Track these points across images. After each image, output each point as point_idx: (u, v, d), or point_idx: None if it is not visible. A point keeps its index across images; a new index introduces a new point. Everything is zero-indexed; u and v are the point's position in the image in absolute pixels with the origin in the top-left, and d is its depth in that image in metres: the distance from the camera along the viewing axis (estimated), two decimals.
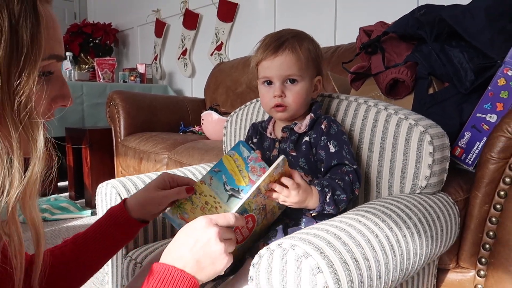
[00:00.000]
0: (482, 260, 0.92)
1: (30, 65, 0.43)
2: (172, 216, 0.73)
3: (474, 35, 0.98)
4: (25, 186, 0.45)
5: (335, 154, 0.81)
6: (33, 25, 0.43)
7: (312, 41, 0.85)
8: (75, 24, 3.87)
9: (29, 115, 0.44)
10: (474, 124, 0.98)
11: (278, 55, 0.81)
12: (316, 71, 0.85)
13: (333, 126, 0.84)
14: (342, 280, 0.54)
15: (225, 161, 0.80)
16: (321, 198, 0.73)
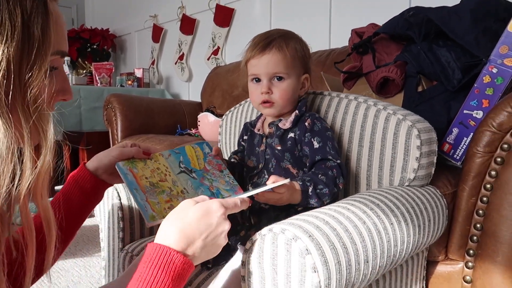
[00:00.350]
0: (470, 252, 0.95)
1: (41, 59, 0.46)
2: (122, 167, 0.75)
3: (460, 34, 1.01)
4: (37, 175, 0.47)
5: (319, 150, 0.84)
6: (44, 21, 0.45)
7: (300, 40, 0.89)
8: (73, 30, 3.90)
9: (40, 107, 0.46)
10: (461, 121, 1.01)
11: (266, 53, 0.84)
12: (303, 69, 0.88)
13: (316, 123, 0.87)
14: (330, 262, 0.56)
15: (186, 148, 0.85)
16: (303, 193, 0.75)
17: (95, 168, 0.77)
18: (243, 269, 0.63)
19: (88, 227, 2.15)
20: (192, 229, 0.55)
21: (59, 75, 0.53)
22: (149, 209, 0.68)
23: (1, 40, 0.42)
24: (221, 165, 0.86)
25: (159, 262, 0.51)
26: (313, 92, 1.04)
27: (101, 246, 1.06)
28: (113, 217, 0.98)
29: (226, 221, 0.59)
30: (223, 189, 0.82)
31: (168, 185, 0.76)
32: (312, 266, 0.55)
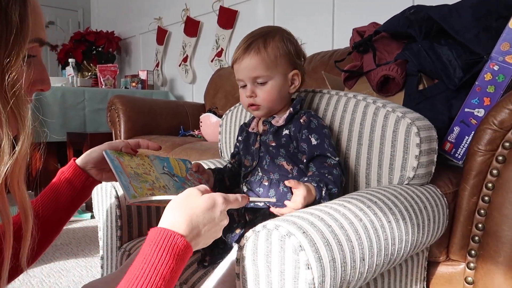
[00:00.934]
0: (471, 252, 0.93)
1: (19, 45, 0.46)
2: (110, 154, 0.75)
3: (461, 32, 1.00)
4: (14, 161, 0.47)
5: (317, 146, 0.83)
6: (21, 8, 0.46)
7: (284, 37, 0.86)
8: (79, 32, 3.94)
9: (18, 93, 0.46)
10: (462, 119, 1.00)
11: (244, 57, 0.84)
12: (290, 66, 0.87)
13: (313, 120, 0.86)
14: (324, 259, 0.55)
15: (170, 159, 0.88)
16: (318, 193, 0.74)
17: (84, 163, 0.78)
18: (238, 267, 0.62)
19: (90, 228, 2.16)
20: (198, 218, 0.57)
21: (38, 65, 0.54)
22: (131, 190, 0.68)
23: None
24: (201, 179, 0.89)
25: (164, 244, 0.52)
26: (312, 90, 1.03)
27: (99, 245, 1.05)
28: (111, 215, 0.98)
29: (226, 216, 0.61)
30: None
31: (151, 178, 0.77)
32: (306, 262, 0.54)
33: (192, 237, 0.56)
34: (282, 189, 0.85)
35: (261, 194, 0.86)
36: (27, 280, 1.51)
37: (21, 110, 0.47)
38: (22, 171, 0.50)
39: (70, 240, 1.96)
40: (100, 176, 0.80)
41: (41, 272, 1.58)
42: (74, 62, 3.29)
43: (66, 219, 0.76)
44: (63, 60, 3.84)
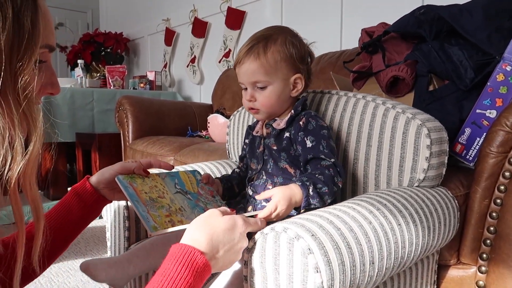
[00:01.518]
0: (483, 256, 0.92)
1: (31, 49, 0.47)
2: (122, 180, 0.75)
3: (472, 32, 0.99)
4: (27, 161, 0.47)
5: (311, 149, 0.82)
6: (33, 14, 0.47)
7: (286, 41, 0.84)
8: (87, 34, 3.96)
9: (29, 96, 0.47)
10: (474, 120, 0.98)
11: (244, 62, 0.83)
12: (292, 70, 0.85)
13: (311, 121, 0.85)
14: (333, 262, 0.55)
15: (180, 173, 0.88)
16: (304, 192, 0.74)
17: (97, 182, 0.78)
18: (245, 269, 0.62)
19: (98, 228, 2.17)
20: (218, 237, 0.58)
21: (48, 69, 0.55)
22: (151, 221, 0.69)
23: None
24: (213, 192, 0.89)
25: (183, 260, 0.53)
26: (320, 91, 1.02)
27: (107, 245, 1.05)
28: (119, 216, 0.98)
29: (245, 238, 0.61)
30: None
31: (166, 201, 0.77)
32: (315, 266, 0.53)
33: (212, 256, 0.57)
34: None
35: None
36: (36, 279, 1.52)
37: (32, 112, 0.48)
38: (34, 171, 0.51)
39: (78, 240, 1.97)
40: (112, 196, 0.80)
41: (49, 271, 1.59)
42: (83, 63, 3.32)
43: (74, 235, 0.77)
44: (72, 61, 3.87)
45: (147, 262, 0.81)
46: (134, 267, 0.80)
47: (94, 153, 2.53)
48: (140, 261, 0.81)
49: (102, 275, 0.76)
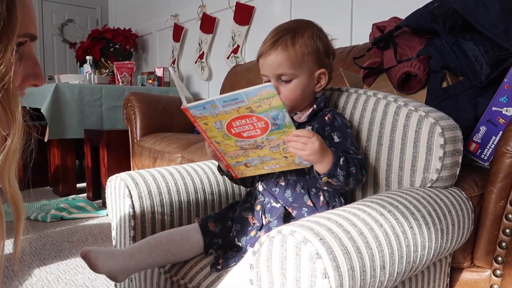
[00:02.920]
0: (498, 259, 0.88)
1: (7, 38, 0.44)
2: None
3: (488, 26, 0.95)
4: (5, 156, 0.45)
5: (339, 144, 0.81)
6: (9, 1, 0.44)
7: (314, 34, 0.83)
8: (96, 30, 3.97)
9: (7, 87, 0.45)
10: (489, 118, 0.95)
11: (271, 53, 0.81)
12: (317, 65, 0.84)
13: (337, 118, 0.84)
14: (342, 267, 0.52)
15: None
16: (335, 158, 0.72)
17: None
18: (251, 272, 0.60)
19: (106, 224, 2.17)
20: None
21: (30, 60, 0.52)
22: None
23: None
24: None
25: None
26: (330, 88, 0.99)
27: (112, 244, 1.04)
28: (125, 215, 0.96)
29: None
30: None
31: None
32: (323, 271, 0.51)
33: None
34: (299, 190, 0.82)
35: (276, 194, 0.84)
36: (44, 276, 1.52)
37: (11, 105, 0.45)
38: (13, 166, 0.48)
39: (86, 237, 1.97)
40: None
41: (57, 268, 1.59)
42: (91, 60, 3.32)
43: None
44: (81, 58, 3.88)
45: (149, 258, 0.80)
46: (136, 262, 0.78)
47: (102, 149, 2.53)
48: (143, 256, 0.79)
49: (100, 266, 0.74)
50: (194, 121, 0.74)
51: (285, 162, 0.77)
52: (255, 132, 0.71)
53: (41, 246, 1.84)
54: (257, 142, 0.73)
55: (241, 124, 0.71)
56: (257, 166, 0.79)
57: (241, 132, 0.72)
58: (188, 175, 1.06)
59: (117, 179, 0.99)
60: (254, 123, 0.70)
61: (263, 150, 0.75)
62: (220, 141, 0.76)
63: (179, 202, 1.00)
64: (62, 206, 2.32)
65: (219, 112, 0.70)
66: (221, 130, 0.73)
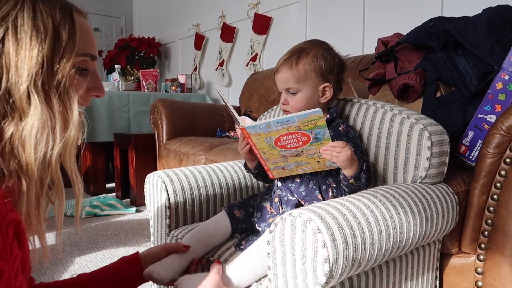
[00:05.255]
0: (481, 245, 1.02)
1: (68, 54, 0.59)
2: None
3: (475, 44, 1.09)
4: (65, 144, 0.59)
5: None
6: (70, 27, 0.60)
7: (318, 54, 0.98)
8: (122, 39, 4.20)
9: (67, 90, 0.60)
10: (476, 124, 1.09)
11: (280, 71, 0.99)
12: (321, 80, 0.99)
13: (350, 131, 1.01)
14: (338, 240, 0.68)
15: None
16: (361, 164, 0.89)
17: (145, 255, 0.92)
18: (268, 247, 0.76)
19: (135, 221, 2.37)
20: None
21: (93, 75, 0.66)
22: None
23: (39, 41, 0.56)
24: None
25: None
26: (337, 99, 1.15)
27: (150, 231, 1.22)
28: (161, 206, 1.14)
29: None
30: None
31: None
32: (323, 243, 0.67)
33: None
34: (311, 186, 0.98)
35: (292, 189, 0.99)
36: (84, 264, 1.71)
37: (70, 104, 0.60)
38: (73, 153, 0.62)
39: (118, 231, 2.17)
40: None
41: (95, 257, 1.78)
42: (119, 68, 3.54)
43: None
44: (109, 65, 4.12)
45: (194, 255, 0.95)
46: (186, 262, 0.94)
47: (131, 152, 2.73)
48: (189, 256, 0.95)
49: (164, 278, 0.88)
50: (247, 137, 0.91)
51: (317, 165, 0.94)
52: (297, 144, 0.88)
53: (79, 239, 2.05)
54: (297, 151, 0.90)
55: (288, 138, 0.86)
56: (293, 169, 0.96)
57: (286, 145, 0.88)
58: (213, 173, 1.23)
59: (155, 176, 1.17)
60: (299, 137, 0.86)
61: (301, 157, 0.92)
62: (266, 151, 0.92)
63: (206, 196, 1.18)
64: (95, 203, 2.53)
65: (271, 130, 0.85)
66: (270, 143, 0.89)
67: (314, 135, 0.85)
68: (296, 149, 0.89)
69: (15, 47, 0.55)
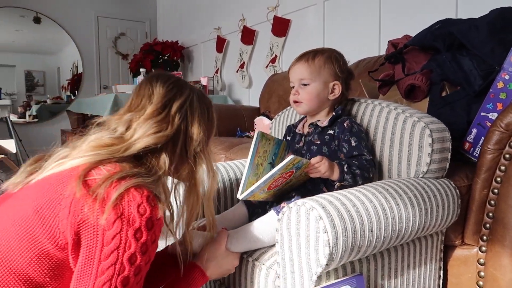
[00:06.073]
0: (483, 237, 1.07)
1: (211, 135, 0.89)
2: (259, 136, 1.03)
3: (477, 46, 1.14)
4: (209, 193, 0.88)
5: (355, 147, 1.03)
6: (213, 119, 0.89)
7: (331, 56, 1.08)
8: (147, 43, 4.37)
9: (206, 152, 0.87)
10: (479, 122, 1.14)
11: (296, 64, 1.09)
12: (332, 77, 1.08)
13: (354, 126, 1.07)
14: (337, 226, 0.76)
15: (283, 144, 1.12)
16: (340, 168, 0.98)
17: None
18: (277, 233, 0.85)
19: None
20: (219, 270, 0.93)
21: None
22: (244, 187, 0.95)
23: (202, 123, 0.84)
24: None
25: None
26: (345, 99, 1.22)
27: None
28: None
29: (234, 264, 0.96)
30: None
31: (260, 171, 1.01)
32: (323, 228, 0.75)
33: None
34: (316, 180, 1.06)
35: None
36: None
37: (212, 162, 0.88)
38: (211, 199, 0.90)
39: None
40: None
41: None
42: (144, 72, 3.69)
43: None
44: (134, 69, 4.29)
45: None
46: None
47: None
48: None
49: None
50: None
51: (305, 177, 1.02)
52: (285, 179, 0.97)
53: None
54: (287, 182, 0.99)
55: (276, 181, 0.95)
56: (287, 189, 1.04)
57: (276, 185, 0.97)
58: (231, 169, 1.32)
59: None
60: (285, 176, 0.95)
61: (291, 182, 1.01)
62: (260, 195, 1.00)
63: (223, 189, 1.27)
64: None
65: (262, 186, 0.95)
66: (263, 192, 0.98)
67: (296, 168, 0.95)
68: (285, 181, 0.98)
69: (190, 122, 0.82)
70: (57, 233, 0.67)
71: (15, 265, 0.67)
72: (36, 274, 0.67)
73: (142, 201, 0.68)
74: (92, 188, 0.67)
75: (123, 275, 0.67)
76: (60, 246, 0.67)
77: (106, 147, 0.75)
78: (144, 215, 0.68)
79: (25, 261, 0.67)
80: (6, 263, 0.67)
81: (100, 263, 0.66)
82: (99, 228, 0.66)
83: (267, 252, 0.95)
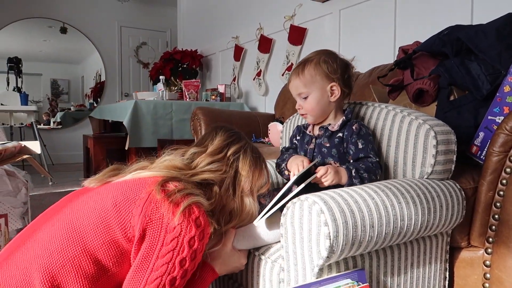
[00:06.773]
0: (489, 239, 1.08)
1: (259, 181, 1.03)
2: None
3: (484, 50, 1.16)
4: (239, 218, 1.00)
5: (362, 150, 1.07)
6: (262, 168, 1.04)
7: (320, 61, 1.09)
8: (167, 52, 4.48)
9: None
10: (486, 125, 1.15)
11: (291, 80, 1.13)
12: (327, 81, 1.09)
13: (362, 128, 1.10)
14: (338, 220, 0.79)
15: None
16: (348, 172, 1.00)
17: None
18: (282, 228, 0.88)
19: None
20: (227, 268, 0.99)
21: None
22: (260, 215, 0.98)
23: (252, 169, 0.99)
24: None
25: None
26: (353, 102, 1.25)
27: None
28: None
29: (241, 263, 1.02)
30: None
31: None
32: (324, 222, 0.78)
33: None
34: None
35: None
36: None
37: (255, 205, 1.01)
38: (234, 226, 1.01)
39: None
40: None
41: None
42: (164, 79, 3.79)
43: None
44: (154, 77, 4.41)
45: None
46: None
47: None
48: None
49: None
50: None
51: None
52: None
53: None
54: None
55: None
56: None
57: None
58: None
59: None
60: None
61: None
62: None
63: None
64: None
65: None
66: None
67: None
68: None
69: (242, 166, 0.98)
70: (128, 226, 0.79)
71: (89, 246, 0.78)
72: (104, 257, 0.79)
73: (199, 215, 0.82)
74: (168, 193, 0.81)
75: (172, 274, 0.79)
76: (128, 237, 0.79)
77: (178, 169, 0.91)
78: (199, 227, 0.81)
79: (98, 244, 0.79)
80: (82, 243, 0.79)
81: (157, 259, 0.78)
82: (162, 229, 0.79)
83: (273, 246, 0.99)
